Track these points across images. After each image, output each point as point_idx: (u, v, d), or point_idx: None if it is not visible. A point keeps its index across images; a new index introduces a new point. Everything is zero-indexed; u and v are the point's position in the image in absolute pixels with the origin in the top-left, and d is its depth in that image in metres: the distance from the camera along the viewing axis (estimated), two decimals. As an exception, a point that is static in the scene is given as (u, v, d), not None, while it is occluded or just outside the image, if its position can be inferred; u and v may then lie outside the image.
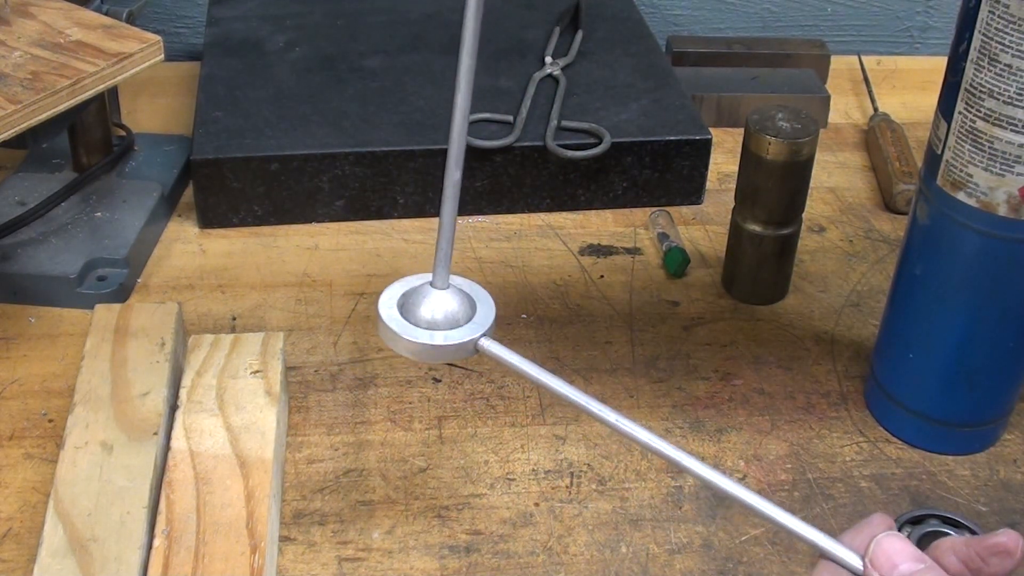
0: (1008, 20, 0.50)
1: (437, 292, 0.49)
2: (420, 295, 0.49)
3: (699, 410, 0.65)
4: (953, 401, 0.61)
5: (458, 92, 0.46)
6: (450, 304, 0.49)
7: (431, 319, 0.49)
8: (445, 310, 0.49)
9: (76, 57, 0.66)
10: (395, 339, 0.49)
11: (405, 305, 0.50)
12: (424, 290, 0.50)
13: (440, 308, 0.49)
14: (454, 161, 0.47)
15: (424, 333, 0.48)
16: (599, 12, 0.97)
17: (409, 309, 0.49)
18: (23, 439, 0.61)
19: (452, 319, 0.49)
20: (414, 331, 0.48)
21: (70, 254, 0.72)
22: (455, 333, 0.49)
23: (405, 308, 0.49)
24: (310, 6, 0.96)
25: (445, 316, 0.49)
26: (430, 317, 0.49)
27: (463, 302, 0.50)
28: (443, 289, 0.50)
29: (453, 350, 0.48)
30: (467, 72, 0.46)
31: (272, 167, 0.77)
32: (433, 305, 0.49)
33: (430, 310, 0.49)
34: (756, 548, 0.57)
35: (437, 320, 0.49)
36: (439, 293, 0.49)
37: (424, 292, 0.50)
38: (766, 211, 0.70)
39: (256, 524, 0.52)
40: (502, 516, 0.58)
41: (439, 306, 0.49)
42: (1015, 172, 0.53)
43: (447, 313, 0.49)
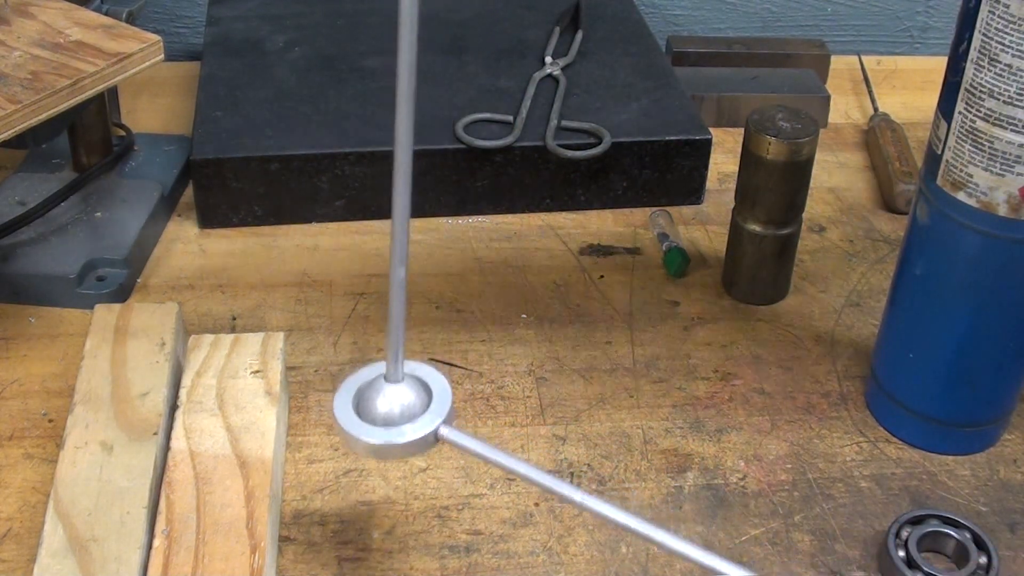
0: (1008, 20, 0.50)
1: (391, 385, 0.48)
2: (374, 390, 0.48)
3: (699, 410, 0.65)
4: (953, 401, 0.61)
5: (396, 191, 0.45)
6: (406, 396, 0.48)
7: (387, 415, 0.48)
8: (401, 403, 0.48)
9: (76, 57, 0.66)
10: (354, 442, 0.47)
11: (360, 402, 0.48)
12: (378, 384, 0.48)
13: (396, 402, 0.48)
14: (398, 258, 0.46)
15: (382, 432, 0.47)
16: (599, 12, 0.97)
17: (364, 405, 0.48)
18: (23, 439, 0.61)
19: (409, 412, 0.48)
20: (372, 431, 0.47)
21: (70, 254, 0.72)
22: (414, 427, 0.47)
23: (360, 405, 0.48)
24: (310, 6, 0.96)
25: (402, 410, 0.48)
26: (386, 412, 0.48)
27: (418, 391, 0.48)
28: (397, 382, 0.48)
29: (414, 445, 0.47)
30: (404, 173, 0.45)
31: (272, 167, 0.77)
32: (388, 400, 0.48)
33: (386, 405, 0.48)
34: (756, 548, 0.57)
35: (394, 415, 0.48)
36: (393, 386, 0.48)
37: (378, 387, 0.48)
38: (766, 211, 0.70)
39: (256, 524, 0.52)
40: (502, 516, 0.58)
41: (395, 400, 0.48)
42: (1015, 172, 0.53)
43: (403, 406, 0.48)
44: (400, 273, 0.46)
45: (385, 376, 0.48)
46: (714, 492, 0.60)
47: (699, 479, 0.60)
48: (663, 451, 0.62)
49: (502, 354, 0.68)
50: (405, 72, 0.42)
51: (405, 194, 0.45)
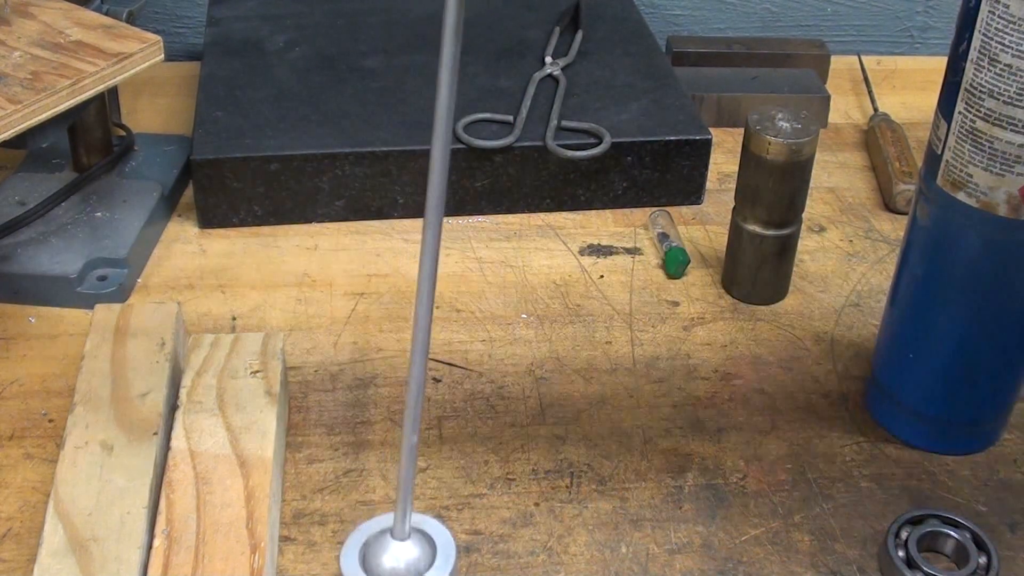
0: (1008, 20, 0.50)
1: (398, 543, 0.49)
2: (381, 546, 0.49)
3: (699, 410, 0.65)
4: (953, 401, 0.61)
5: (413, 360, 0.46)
6: (411, 553, 0.49)
7: (393, 570, 0.49)
8: (407, 559, 0.49)
9: (76, 57, 0.66)
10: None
11: (367, 557, 0.49)
12: (384, 540, 0.49)
13: (402, 558, 0.49)
14: (411, 427, 0.47)
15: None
16: (599, 12, 0.97)
17: (371, 561, 0.49)
18: (23, 439, 0.61)
19: (414, 568, 0.49)
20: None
21: (70, 254, 0.72)
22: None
23: (367, 560, 0.49)
24: (310, 6, 0.96)
25: (407, 567, 0.49)
26: (391, 569, 0.49)
27: (423, 547, 0.50)
28: (403, 540, 0.49)
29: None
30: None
31: (272, 167, 0.77)
32: (395, 556, 0.49)
33: (392, 561, 0.49)
34: (756, 548, 0.57)
35: (399, 571, 0.49)
36: (400, 544, 0.49)
37: (385, 543, 0.49)
38: (766, 211, 0.70)
39: (256, 524, 0.52)
40: (502, 516, 0.58)
41: (401, 556, 0.49)
42: (1015, 172, 0.53)
43: (408, 563, 0.49)
44: (413, 440, 0.47)
45: (392, 532, 0.49)
46: (714, 492, 0.60)
47: (699, 479, 0.60)
48: (663, 451, 0.62)
49: (502, 354, 0.68)
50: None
51: (422, 354, 0.46)
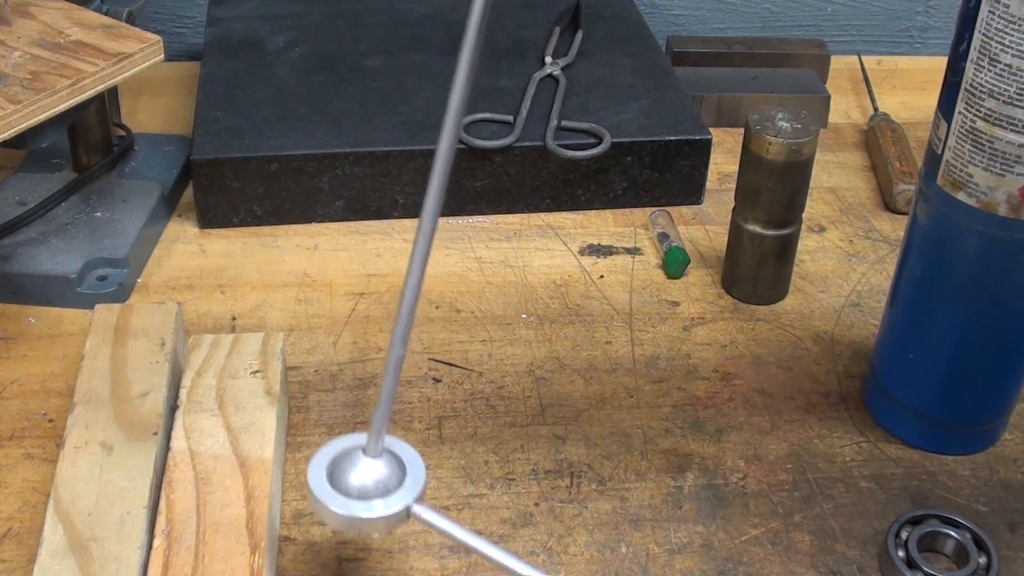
0: (1008, 20, 0.50)
1: (369, 460, 0.48)
2: (352, 462, 0.48)
3: (699, 410, 0.65)
4: (953, 401, 0.61)
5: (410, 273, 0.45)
6: (381, 471, 0.48)
7: (361, 488, 0.48)
8: (376, 478, 0.48)
9: (76, 57, 0.66)
10: (326, 512, 0.47)
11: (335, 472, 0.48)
12: (356, 456, 0.48)
13: (371, 476, 0.48)
14: (400, 338, 0.46)
15: (356, 504, 0.47)
16: (599, 12, 0.97)
17: (340, 476, 0.48)
18: (23, 439, 0.61)
19: (383, 486, 0.48)
20: (346, 503, 0.47)
21: (70, 254, 0.72)
22: (387, 502, 0.47)
23: (334, 475, 0.48)
24: (310, 6, 0.96)
25: (376, 484, 0.48)
26: (360, 485, 0.48)
27: (393, 466, 0.49)
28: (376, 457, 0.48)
29: (385, 521, 0.47)
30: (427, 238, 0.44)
31: (272, 167, 0.77)
32: (365, 473, 0.48)
33: (361, 478, 0.48)
34: (756, 548, 0.57)
35: (368, 489, 0.48)
36: (371, 460, 0.48)
37: (356, 459, 0.48)
38: (766, 211, 0.70)
39: (256, 524, 0.52)
40: (502, 516, 0.58)
41: (370, 474, 0.48)
42: (1015, 172, 0.53)
43: (378, 481, 0.48)
44: (399, 352, 0.46)
45: (364, 449, 0.48)
46: (714, 492, 0.60)
47: (699, 479, 0.60)
48: (663, 451, 0.62)
49: (502, 354, 0.68)
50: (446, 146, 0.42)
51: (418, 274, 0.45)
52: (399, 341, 0.46)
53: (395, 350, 0.46)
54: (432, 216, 0.44)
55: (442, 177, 0.43)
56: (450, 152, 0.43)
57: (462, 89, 0.43)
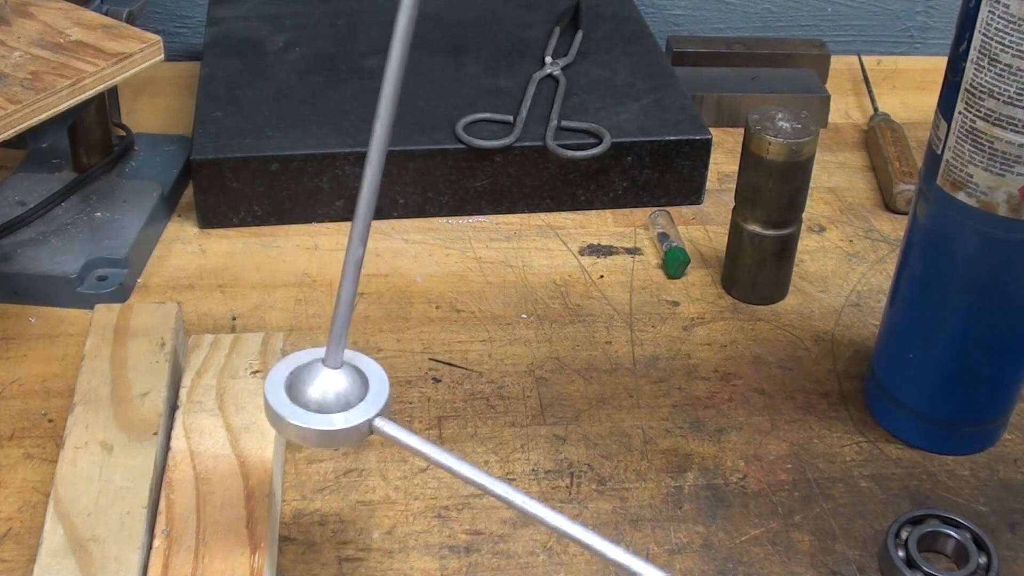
0: (1008, 20, 0.50)
1: (329, 371, 0.46)
2: (311, 374, 0.46)
3: (699, 410, 0.65)
4: (953, 401, 0.61)
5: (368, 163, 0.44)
6: (341, 383, 0.46)
7: (321, 400, 0.45)
8: (336, 390, 0.46)
9: (76, 57, 0.66)
10: (283, 424, 0.45)
11: (293, 385, 0.46)
12: (315, 368, 0.46)
13: (331, 388, 0.46)
14: (358, 236, 0.44)
15: (316, 417, 0.45)
16: (599, 12, 0.97)
17: (298, 389, 0.46)
18: (23, 439, 0.61)
19: (344, 400, 0.46)
20: (305, 415, 0.45)
21: (70, 254, 0.72)
22: (349, 415, 0.45)
23: (293, 388, 0.46)
24: (310, 6, 0.96)
25: (336, 397, 0.46)
26: (320, 398, 0.46)
27: (355, 380, 0.46)
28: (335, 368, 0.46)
29: (346, 434, 0.45)
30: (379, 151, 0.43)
31: (272, 167, 0.77)
32: (324, 385, 0.46)
33: (320, 390, 0.46)
34: (756, 548, 0.57)
35: (328, 401, 0.46)
36: (331, 372, 0.46)
37: (315, 371, 0.46)
38: (766, 211, 0.70)
39: (256, 524, 0.52)
40: (502, 516, 0.58)
41: (330, 386, 0.46)
42: (1015, 172, 0.53)
43: (338, 393, 0.46)
44: (359, 252, 0.44)
45: (323, 361, 0.46)
46: (714, 492, 0.60)
47: (699, 479, 0.60)
48: (663, 451, 0.62)
49: (502, 354, 0.68)
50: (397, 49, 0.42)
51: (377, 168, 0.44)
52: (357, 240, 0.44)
53: (354, 250, 0.44)
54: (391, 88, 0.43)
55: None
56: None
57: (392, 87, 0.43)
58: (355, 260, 0.44)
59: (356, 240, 0.44)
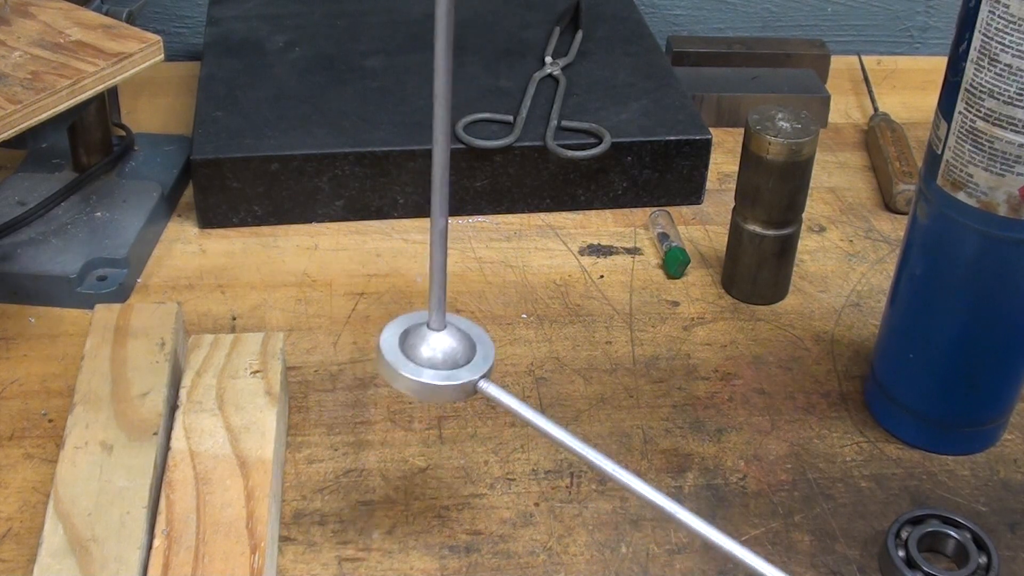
0: (1008, 20, 0.50)
1: (436, 333, 0.50)
2: (419, 336, 0.50)
3: (699, 410, 0.65)
4: (953, 401, 0.61)
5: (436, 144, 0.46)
6: (449, 344, 0.50)
7: (431, 359, 0.50)
8: (444, 350, 0.50)
9: (76, 57, 0.66)
10: (396, 376, 0.49)
11: (405, 343, 0.50)
12: (422, 331, 0.50)
13: (440, 348, 0.50)
14: (439, 209, 0.47)
15: (427, 372, 0.49)
16: (599, 12, 0.97)
17: (409, 348, 0.50)
18: (23, 439, 0.61)
19: (451, 359, 0.50)
20: (417, 369, 0.49)
21: (70, 254, 0.72)
22: (456, 373, 0.49)
23: (405, 346, 0.50)
24: (310, 6, 0.96)
25: (444, 356, 0.50)
26: (430, 356, 0.50)
27: (462, 342, 0.51)
28: (440, 331, 0.50)
29: (452, 390, 0.49)
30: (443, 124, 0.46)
31: (272, 167, 0.77)
32: (433, 345, 0.50)
33: (430, 350, 0.50)
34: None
35: (437, 360, 0.50)
36: (438, 334, 0.50)
37: (422, 333, 0.50)
38: (766, 211, 0.70)
39: (256, 524, 0.52)
40: (502, 516, 0.58)
41: (439, 346, 0.50)
42: (1015, 172, 0.53)
43: (446, 353, 0.50)
44: (440, 224, 0.47)
45: (428, 323, 0.50)
46: (714, 492, 0.60)
47: (699, 479, 0.60)
48: (663, 451, 0.62)
49: (502, 354, 0.68)
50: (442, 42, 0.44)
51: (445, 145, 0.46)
52: (439, 213, 0.47)
53: (437, 222, 0.47)
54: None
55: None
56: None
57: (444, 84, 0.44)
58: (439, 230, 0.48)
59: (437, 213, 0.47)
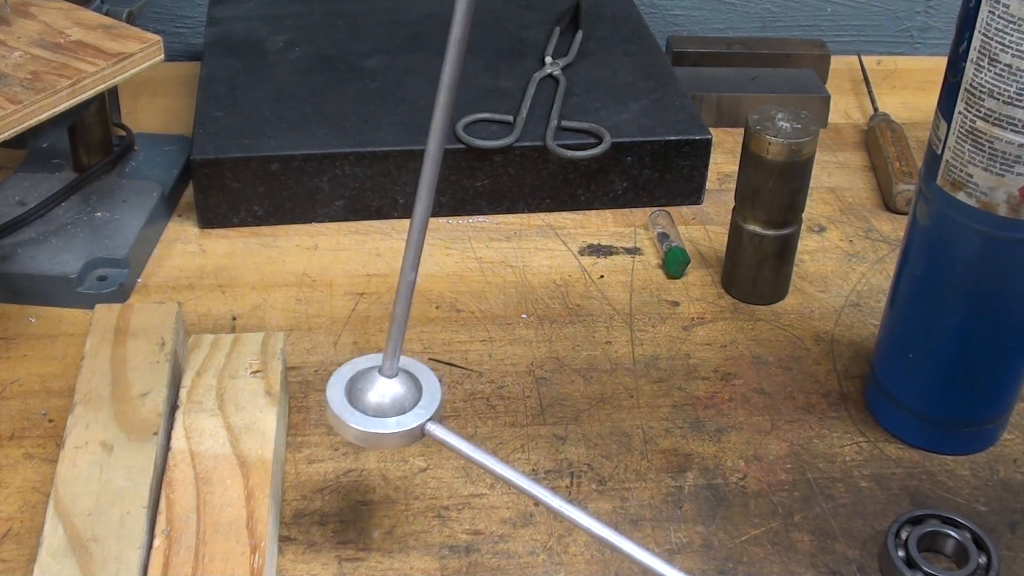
0: (1008, 20, 0.50)
1: (385, 379, 0.51)
2: (368, 381, 0.50)
3: (699, 410, 0.65)
4: (953, 401, 0.61)
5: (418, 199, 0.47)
6: (397, 389, 0.50)
7: (378, 404, 0.50)
8: (392, 395, 0.50)
9: (76, 57, 0.66)
10: (342, 426, 0.50)
11: (352, 390, 0.51)
12: (372, 376, 0.51)
13: (388, 393, 0.50)
14: (410, 263, 0.48)
15: (373, 420, 0.50)
16: (599, 12, 0.97)
17: (357, 394, 0.50)
18: (23, 439, 0.61)
19: (399, 404, 0.50)
20: (362, 419, 0.50)
21: (70, 254, 0.72)
22: (403, 419, 0.50)
23: (352, 393, 0.50)
24: (310, 6, 0.96)
25: (392, 401, 0.50)
26: (377, 403, 0.50)
27: (410, 387, 0.51)
28: (391, 377, 0.51)
29: (399, 437, 0.50)
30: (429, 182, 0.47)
31: (272, 167, 0.77)
32: (381, 391, 0.50)
33: (378, 395, 0.50)
34: (756, 548, 0.57)
35: (384, 406, 0.50)
36: (387, 380, 0.51)
37: (372, 378, 0.51)
38: (766, 211, 0.70)
39: (256, 524, 0.52)
40: (502, 516, 0.58)
41: (387, 392, 0.50)
42: (1015, 172, 0.53)
43: (394, 398, 0.50)
44: (411, 276, 0.48)
45: (380, 369, 0.50)
46: (714, 492, 0.60)
47: (699, 479, 0.60)
48: (663, 451, 0.62)
49: (502, 354, 0.68)
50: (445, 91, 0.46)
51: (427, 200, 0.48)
52: (409, 266, 0.48)
53: (406, 275, 0.48)
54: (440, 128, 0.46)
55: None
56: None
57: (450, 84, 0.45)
58: (408, 283, 0.49)
59: (408, 266, 0.48)
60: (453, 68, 0.45)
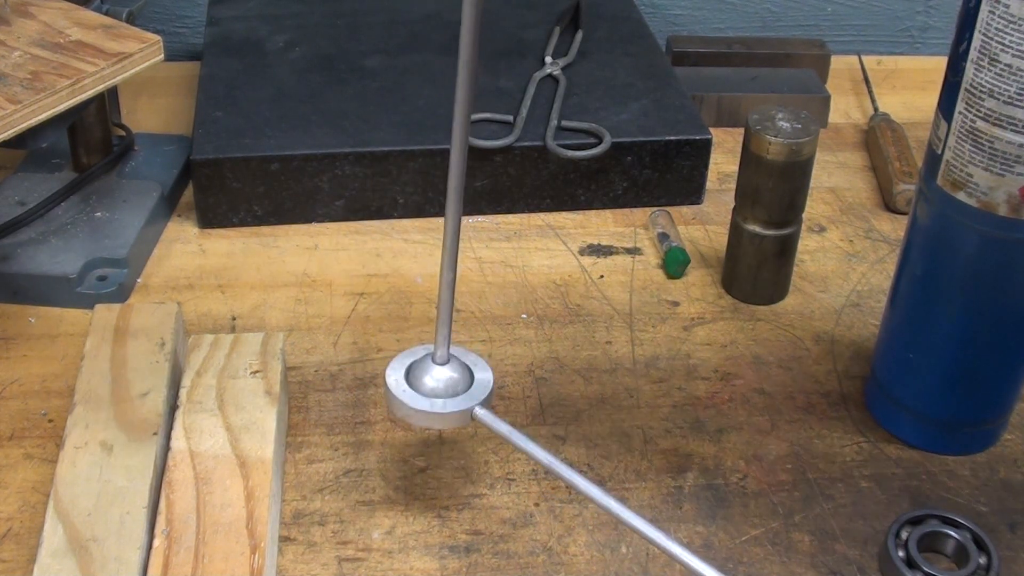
0: (1008, 20, 0.50)
1: (436, 366, 0.55)
2: (423, 368, 0.55)
3: (699, 410, 0.65)
4: (953, 401, 0.61)
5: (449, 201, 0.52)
6: (450, 375, 0.55)
7: (433, 388, 0.54)
8: (446, 380, 0.55)
9: (76, 57, 0.66)
10: (399, 407, 0.54)
11: (409, 375, 0.55)
12: (426, 363, 0.55)
13: (441, 378, 0.55)
14: (448, 264, 0.52)
15: (426, 401, 0.54)
16: (599, 12, 0.97)
17: (412, 380, 0.55)
18: (23, 439, 0.61)
19: (451, 389, 0.54)
20: (417, 399, 0.54)
21: (70, 254, 0.72)
22: (453, 402, 0.54)
23: (409, 378, 0.55)
24: (310, 6, 0.96)
25: (446, 386, 0.54)
26: (432, 387, 0.54)
27: (462, 373, 0.55)
28: (443, 364, 0.55)
29: (452, 418, 0.54)
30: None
31: (272, 167, 0.77)
32: (435, 376, 0.55)
33: (432, 380, 0.55)
34: (756, 548, 0.57)
35: (438, 389, 0.54)
36: (439, 367, 0.55)
37: (426, 366, 0.55)
38: (766, 211, 0.70)
39: (256, 524, 0.52)
40: (502, 516, 0.58)
41: (440, 377, 0.55)
42: (1015, 172, 0.53)
43: (447, 382, 0.55)
44: (448, 276, 0.53)
45: (432, 357, 0.55)
46: (714, 492, 0.60)
47: (699, 479, 0.60)
48: (663, 451, 0.62)
49: (502, 354, 0.68)
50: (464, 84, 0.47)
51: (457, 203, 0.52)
52: (447, 267, 0.52)
53: (446, 275, 0.53)
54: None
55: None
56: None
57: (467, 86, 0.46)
58: (447, 282, 0.53)
59: (446, 267, 0.53)
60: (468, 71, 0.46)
